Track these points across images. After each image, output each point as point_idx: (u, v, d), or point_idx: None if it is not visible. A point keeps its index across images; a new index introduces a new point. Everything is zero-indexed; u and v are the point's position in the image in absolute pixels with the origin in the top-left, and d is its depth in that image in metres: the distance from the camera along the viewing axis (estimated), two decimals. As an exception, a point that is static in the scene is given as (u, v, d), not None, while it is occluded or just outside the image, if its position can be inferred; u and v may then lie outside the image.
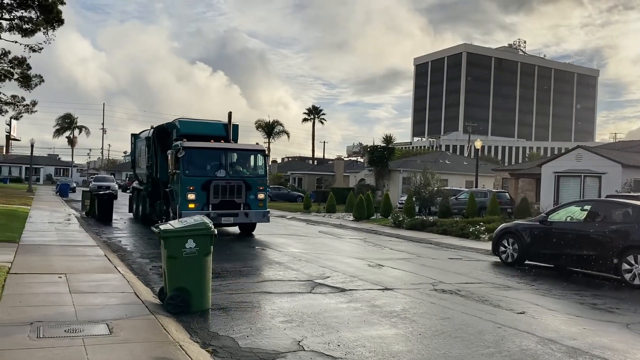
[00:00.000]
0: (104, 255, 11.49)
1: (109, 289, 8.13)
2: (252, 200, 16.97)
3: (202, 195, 16.22)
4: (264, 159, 17.82)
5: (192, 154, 16.38)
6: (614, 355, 6.13)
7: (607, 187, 27.00)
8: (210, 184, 16.29)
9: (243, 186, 16.79)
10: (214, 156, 16.92)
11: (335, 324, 7.07)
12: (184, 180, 16.15)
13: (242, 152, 17.84)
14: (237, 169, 17.36)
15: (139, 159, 22.98)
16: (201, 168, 16.60)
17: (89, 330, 5.92)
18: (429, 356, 5.92)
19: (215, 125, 18.94)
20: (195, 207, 16.04)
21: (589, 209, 12.52)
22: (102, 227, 19.19)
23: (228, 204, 16.57)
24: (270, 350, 5.91)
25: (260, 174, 17.53)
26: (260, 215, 17.35)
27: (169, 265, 7.36)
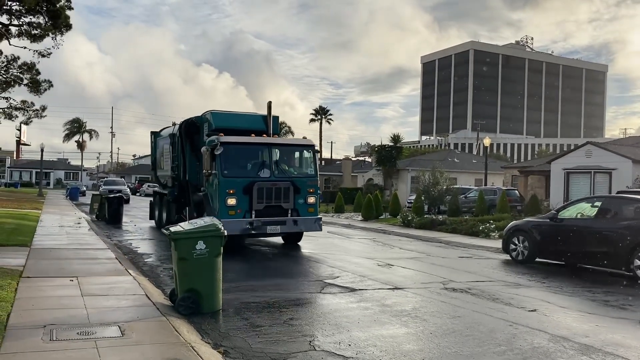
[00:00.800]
0: (115, 258, 11.56)
1: (120, 291, 8.19)
2: (301, 205, 14.26)
3: (243, 199, 13.56)
4: (313, 156, 15.20)
5: (231, 151, 13.82)
6: (627, 352, 6.09)
7: (618, 183, 26.79)
8: (254, 187, 13.57)
9: (291, 188, 14.01)
10: (257, 153, 14.55)
11: (346, 324, 7.07)
12: (222, 182, 13.50)
13: (289, 147, 15.33)
14: (283, 167, 14.64)
15: (161, 159, 20.33)
16: (242, 167, 14.10)
17: (101, 333, 5.96)
18: (440, 355, 5.91)
19: (253, 117, 16.25)
20: (236, 213, 13.49)
21: (599, 205, 12.44)
22: (112, 230, 19.30)
23: (274, 209, 13.83)
24: (281, 351, 5.92)
25: (310, 174, 14.83)
26: (311, 223, 14.53)
27: (180, 266, 7.40)
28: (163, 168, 19.92)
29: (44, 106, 36.66)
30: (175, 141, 17.48)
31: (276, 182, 13.90)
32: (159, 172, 20.86)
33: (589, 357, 5.89)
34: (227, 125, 15.00)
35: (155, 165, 21.57)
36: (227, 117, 15.69)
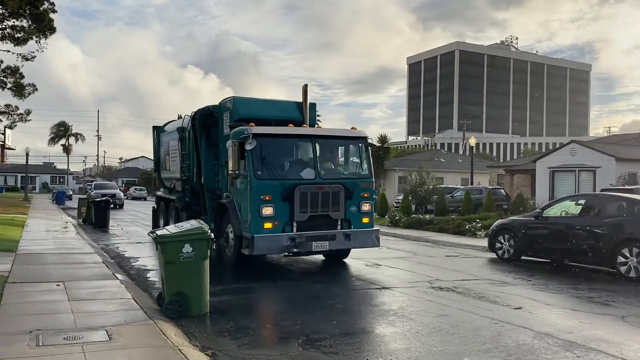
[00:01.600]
0: (102, 262, 11.51)
1: (107, 295, 8.16)
2: (354, 213, 11.25)
3: (282, 208, 10.59)
4: (366, 151, 11.99)
5: (267, 145, 10.85)
6: (610, 347, 6.19)
7: (602, 181, 27.13)
8: (295, 192, 10.58)
9: (341, 193, 11.03)
10: (298, 148, 11.92)
11: (333, 324, 7.11)
12: (255, 187, 10.49)
13: (338, 140, 12.05)
14: (329, 166, 11.75)
15: (166, 158, 16.86)
16: (279, 167, 11.12)
17: (88, 337, 5.95)
18: (427, 353, 5.97)
19: (286, 104, 13.11)
20: (274, 227, 10.51)
21: (583, 203, 12.61)
22: (99, 234, 19.18)
23: (320, 220, 10.88)
24: (269, 352, 5.95)
25: (363, 174, 11.72)
26: (367, 237, 11.48)
27: (167, 270, 7.40)
28: (169, 169, 16.61)
29: (28, 110, 36.29)
30: (186, 136, 14.28)
31: (323, 185, 10.87)
32: (163, 174, 17.62)
33: (572, 353, 5.98)
34: (255, 114, 11.91)
35: (158, 165, 18.10)
36: (254, 104, 12.57)
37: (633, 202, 11.78)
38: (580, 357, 5.86)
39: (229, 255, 11.69)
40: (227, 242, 11.73)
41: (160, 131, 18.00)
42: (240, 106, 12.16)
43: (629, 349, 6.14)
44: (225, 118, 12.48)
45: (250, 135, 10.58)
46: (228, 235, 11.69)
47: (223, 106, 12.78)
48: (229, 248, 11.65)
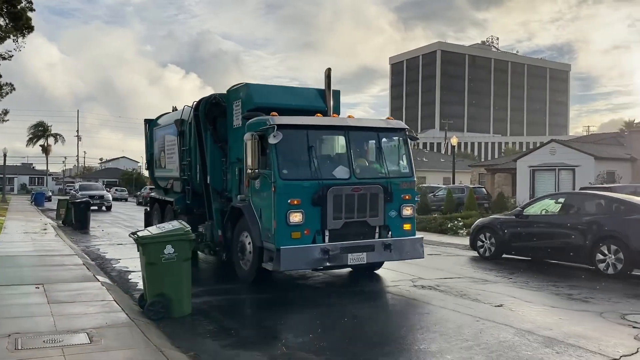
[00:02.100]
0: (82, 263, 11.37)
1: (88, 297, 8.06)
2: (394, 219, 9.56)
3: (313, 214, 8.90)
4: (407, 146, 10.22)
5: (293, 139, 9.17)
6: (588, 343, 6.29)
7: (581, 180, 27.53)
8: (328, 194, 8.91)
9: (380, 195, 9.36)
10: (330, 142, 10.16)
11: (316, 324, 7.12)
12: (280, 188, 8.78)
13: (375, 133, 10.10)
14: (365, 164, 9.95)
15: (161, 155, 15.00)
16: (307, 164, 9.29)
17: (68, 340, 5.88)
18: (409, 352, 6.01)
19: (307, 92, 11.30)
20: (303, 236, 8.82)
21: (562, 201, 12.79)
22: (80, 236, 18.96)
23: (356, 228, 9.21)
24: (252, 353, 5.94)
25: (404, 172, 9.98)
26: (410, 247, 9.74)
27: (148, 271, 7.35)
28: (164, 167, 14.82)
29: (5, 110, 35.65)
30: (186, 130, 12.50)
31: (359, 187, 9.21)
32: (158, 173, 15.68)
33: (552, 349, 6.07)
34: (272, 102, 10.10)
35: (151, 163, 16.11)
36: (271, 91, 10.77)
37: (611, 200, 11.99)
38: (560, 353, 5.94)
39: (244, 270, 9.72)
40: (243, 253, 9.74)
41: (153, 125, 16.01)
42: (255, 93, 10.30)
43: (607, 345, 6.24)
44: (235, 108, 10.70)
45: (274, 126, 8.79)
46: (244, 245, 9.71)
47: (233, 94, 10.93)
48: (244, 261, 9.71)
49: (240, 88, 10.71)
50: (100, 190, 39.78)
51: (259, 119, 9.43)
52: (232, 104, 10.84)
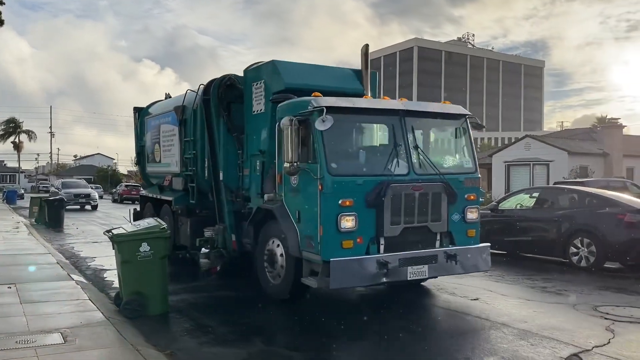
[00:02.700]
0: (56, 262, 11.17)
1: (62, 297, 7.93)
2: (457, 224, 7.96)
3: (367, 218, 7.25)
4: (469, 135, 8.63)
5: (343, 125, 7.60)
6: (562, 335, 6.41)
7: (555, 174, 28.03)
8: (385, 194, 7.26)
9: (443, 195, 7.76)
10: (385, 130, 8.27)
11: (294, 319, 7.12)
12: (330, 186, 7.12)
13: (434, 119, 8.54)
14: (425, 157, 7.91)
15: (155, 148, 13.20)
16: (359, 157, 7.99)
17: (41, 341, 5.77)
18: (386, 346, 6.05)
19: (341, 72, 9.71)
20: (355, 246, 7.14)
21: (537, 196, 13.00)
22: (53, 234, 18.62)
23: (415, 235, 7.60)
24: (230, 350, 5.91)
25: (467, 167, 8.44)
26: (477, 257, 8.07)
27: (124, 269, 7.26)
28: (159, 161, 13.00)
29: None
30: (190, 118, 10.88)
31: (420, 185, 7.56)
32: (150, 168, 13.83)
33: (527, 342, 6.17)
34: (304, 83, 8.51)
35: (142, 157, 14.29)
36: (302, 70, 9.09)
37: (584, 195, 12.22)
38: (535, 345, 6.04)
39: (273, 284, 8.12)
40: (272, 264, 8.15)
41: (144, 114, 14.20)
42: (285, 72, 8.66)
43: (580, 336, 6.37)
44: (256, 90, 9.11)
45: (323, 109, 7.11)
46: (273, 255, 8.11)
47: (252, 74, 9.32)
48: (273, 274, 8.11)
49: (262, 67, 9.11)
50: (86, 188, 36.14)
51: (298, 100, 7.83)
52: (250, 87, 9.25)
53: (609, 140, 33.00)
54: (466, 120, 8.59)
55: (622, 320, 7.07)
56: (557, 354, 5.77)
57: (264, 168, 8.68)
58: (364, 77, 8.89)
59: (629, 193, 15.29)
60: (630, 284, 9.65)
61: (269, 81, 8.74)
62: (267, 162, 8.55)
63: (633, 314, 7.41)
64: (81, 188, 35.31)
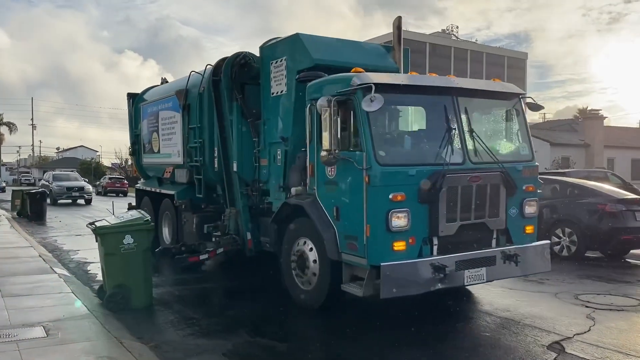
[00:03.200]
0: (39, 255, 11.06)
1: (45, 290, 7.85)
2: (514, 219, 7.00)
3: (419, 215, 6.26)
4: (523, 119, 7.51)
5: (392, 108, 7.08)
6: (544, 323, 6.50)
7: (538, 165, 28.29)
8: (439, 186, 6.26)
9: (501, 187, 6.77)
10: (433, 112, 6.99)
11: (272, 314, 7.14)
12: (378, 177, 6.10)
13: (488, 99, 7.27)
14: (479, 143, 6.82)
15: (153, 137, 12.08)
16: (409, 144, 7.06)
17: (23, 334, 5.71)
18: (369, 336, 6.09)
19: (372, 48, 8.90)
20: (408, 247, 6.17)
21: (520, 186, 13.11)
22: (36, 227, 18.41)
23: (471, 233, 6.65)
24: (215, 341, 5.91)
25: (524, 155, 7.39)
26: (537, 257, 7.13)
27: (107, 262, 7.21)
28: (158, 151, 11.88)
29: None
30: (194, 103, 9.93)
31: (478, 175, 6.56)
32: (147, 159, 12.68)
33: (509, 330, 6.25)
34: (334, 60, 7.62)
35: (138, 147, 13.17)
36: (330, 44, 8.12)
37: (565, 185, 12.37)
38: (517, 334, 6.13)
39: (304, 290, 7.15)
40: (302, 268, 7.15)
41: (139, 100, 13.05)
42: (312, 47, 7.65)
43: (561, 324, 6.46)
44: (275, 69, 8.10)
45: (372, 86, 6.02)
46: (304, 257, 7.11)
47: (271, 50, 8.29)
48: (304, 279, 7.14)
49: (284, 42, 8.08)
50: (79, 182, 33.03)
51: (336, 77, 6.80)
52: (268, 65, 8.25)
53: (590, 131, 33.41)
54: (520, 100, 7.45)
55: (602, 309, 7.19)
56: (539, 341, 5.85)
57: (287, 157, 7.81)
58: (396, 53, 8.20)
59: (610, 183, 15.51)
60: (610, 273, 9.80)
61: (292, 58, 7.79)
62: (291, 150, 7.73)
63: (613, 302, 7.54)
64: (73, 181, 32.53)
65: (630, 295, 8.01)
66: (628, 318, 6.86)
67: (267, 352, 5.66)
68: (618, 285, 8.70)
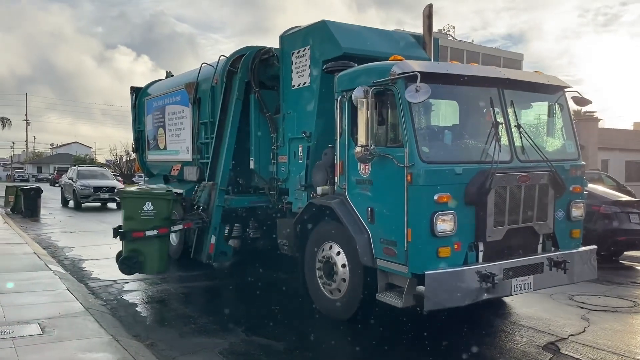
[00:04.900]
0: (33, 252, 11.00)
1: (40, 287, 7.82)
2: (561, 223, 6.52)
3: (465, 218, 5.69)
4: (568, 114, 7.01)
5: (437, 100, 6.36)
6: (539, 324, 6.54)
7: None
8: (488, 187, 5.66)
9: (549, 188, 6.27)
10: (475, 105, 6.49)
11: (268, 313, 7.14)
12: (422, 176, 5.50)
13: (535, 92, 6.80)
14: (526, 139, 6.26)
15: (159, 133, 11.68)
16: (454, 140, 6.28)
17: (19, 331, 5.69)
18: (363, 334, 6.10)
19: (402, 37, 8.37)
20: (453, 254, 5.60)
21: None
22: (30, 224, 18.32)
23: (518, 238, 6.14)
24: (211, 340, 5.91)
25: (570, 153, 6.87)
26: (584, 263, 6.61)
27: (126, 226, 7.50)
28: (165, 148, 11.44)
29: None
30: (206, 97, 9.60)
31: (527, 174, 6.05)
32: (152, 156, 12.25)
33: (505, 331, 6.30)
34: (364, 49, 7.21)
35: (141, 143, 12.72)
36: (359, 33, 7.65)
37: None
38: (512, 334, 6.16)
39: (331, 300, 6.65)
40: (329, 275, 6.63)
41: (143, 94, 12.58)
42: (340, 35, 7.20)
43: (556, 325, 6.50)
44: (298, 59, 7.70)
45: (417, 75, 5.45)
46: (331, 263, 6.60)
47: (293, 40, 7.89)
48: (332, 287, 6.60)
49: (307, 30, 7.59)
50: (109, 180, 26.54)
51: (372, 66, 6.24)
52: (289, 56, 7.85)
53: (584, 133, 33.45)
54: (564, 94, 6.94)
55: (597, 309, 7.24)
56: (535, 342, 5.88)
57: (309, 154, 7.39)
58: (426, 44, 7.79)
59: (604, 185, 15.59)
60: (604, 274, 9.82)
61: (317, 47, 7.34)
62: (314, 146, 7.32)
63: (607, 303, 7.59)
64: (103, 179, 25.98)
65: (625, 296, 8.06)
66: (622, 319, 6.90)
67: (263, 351, 5.65)
68: (612, 287, 8.75)
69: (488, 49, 73.15)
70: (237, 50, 9.10)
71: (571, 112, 7.05)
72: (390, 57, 6.18)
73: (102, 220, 18.83)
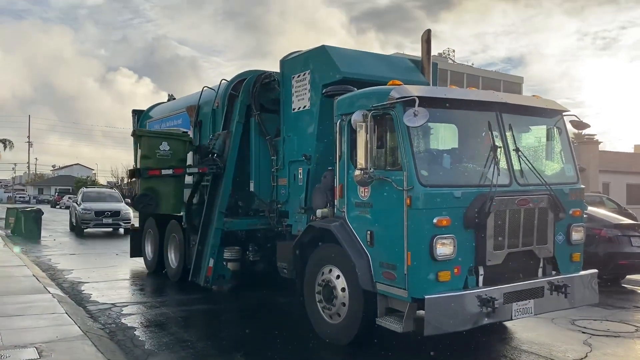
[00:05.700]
0: (32, 275, 10.96)
1: (38, 310, 7.77)
2: (561, 246, 6.52)
3: (465, 242, 5.71)
4: (567, 137, 7.18)
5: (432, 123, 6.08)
6: (540, 349, 6.48)
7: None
8: (487, 211, 5.71)
9: (549, 211, 6.30)
10: (474, 128, 6.48)
11: (268, 337, 7.10)
12: (421, 199, 5.54)
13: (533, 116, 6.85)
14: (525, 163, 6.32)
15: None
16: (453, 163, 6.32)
17: (16, 356, 5.65)
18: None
19: (401, 62, 8.66)
20: (453, 278, 5.59)
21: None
22: (30, 246, 18.28)
23: (518, 262, 6.13)
24: None
25: (570, 177, 6.94)
26: (585, 287, 6.62)
27: (143, 164, 7.67)
28: None
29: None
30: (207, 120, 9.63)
31: (527, 198, 6.11)
32: None
33: (506, 356, 6.24)
34: (362, 73, 7.34)
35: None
36: (358, 58, 7.85)
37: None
38: (514, 359, 6.09)
39: (330, 324, 6.60)
40: (329, 299, 6.54)
41: (145, 117, 12.62)
42: (339, 59, 7.38)
43: (558, 350, 6.44)
44: (298, 83, 7.85)
45: (415, 99, 5.51)
46: (330, 286, 6.52)
47: (293, 65, 8.08)
48: (332, 311, 6.53)
49: (307, 55, 7.80)
50: (115, 202, 23.80)
51: (371, 91, 6.31)
52: (290, 80, 8.03)
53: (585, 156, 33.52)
54: (562, 118, 7.00)
55: (599, 334, 7.18)
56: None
57: (309, 176, 7.48)
58: (425, 68, 7.89)
59: (605, 208, 15.58)
60: (606, 298, 9.75)
61: (317, 71, 7.50)
62: (314, 169, 7.40)
63: (609, 328, 7.52)
64: (108, 202, 23.50)
65: (627, 321, 8.00)
66: (625, 344, 6.84)
67: (262, 376, 5.60)
68: (614, 311, 8.68)
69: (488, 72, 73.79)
70: (238, 74, 9.28)
71: (570, 136, 7.05)
72: (389, 81, 6.24)
73: (104, 243, 18.79)
